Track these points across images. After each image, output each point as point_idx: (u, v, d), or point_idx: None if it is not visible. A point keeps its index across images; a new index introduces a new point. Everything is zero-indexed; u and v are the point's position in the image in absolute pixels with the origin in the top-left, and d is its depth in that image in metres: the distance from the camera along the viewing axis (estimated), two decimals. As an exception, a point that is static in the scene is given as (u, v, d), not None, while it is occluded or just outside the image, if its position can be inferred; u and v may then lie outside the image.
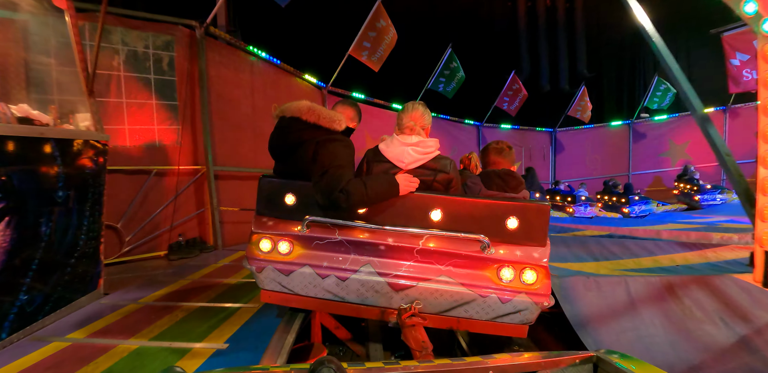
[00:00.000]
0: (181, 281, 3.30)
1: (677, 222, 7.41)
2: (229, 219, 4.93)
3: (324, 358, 1.03)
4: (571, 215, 9.43)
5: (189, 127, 4.60)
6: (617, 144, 13.97)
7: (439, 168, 2.01)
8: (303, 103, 1.98)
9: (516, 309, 1.88)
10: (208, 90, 4.67)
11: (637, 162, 13.74)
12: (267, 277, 1.97)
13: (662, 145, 13.48)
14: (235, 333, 2.21)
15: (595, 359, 1.23)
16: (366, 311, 2.00)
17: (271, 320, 2.35)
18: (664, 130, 13.52)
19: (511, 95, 11.88)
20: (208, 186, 4.61)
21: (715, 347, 2.36)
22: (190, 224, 4.61)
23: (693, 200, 10.25)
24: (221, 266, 3.87)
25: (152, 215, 4.25)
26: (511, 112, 12.18)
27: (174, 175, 4.44)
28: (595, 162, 14.29)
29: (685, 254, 4.50)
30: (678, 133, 13.44)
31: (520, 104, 12.09)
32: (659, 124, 13.60)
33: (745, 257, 4.28)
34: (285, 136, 1.98)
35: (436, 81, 9.48)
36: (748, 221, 7.26)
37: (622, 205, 9.99)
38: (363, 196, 1.79)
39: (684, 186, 10.63)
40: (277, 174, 2.06)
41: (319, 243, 1.94)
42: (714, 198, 10.09)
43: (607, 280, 2.97)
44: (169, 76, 4.44)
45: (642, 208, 9.92)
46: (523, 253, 1.88)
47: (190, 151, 4.59)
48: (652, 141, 13.58)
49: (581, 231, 6.37)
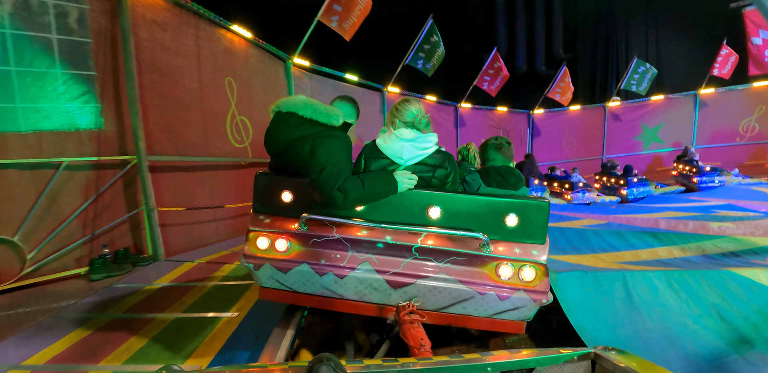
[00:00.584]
0: (95, 320, 2.42)
1: (674, 209, 7.27)
2: (175, 221, 3.99)
3: (322, 355, 1.01)
4: (569, 202, 9.18)
5: (112, 105, 3.54)
6: (593, 127, 13.96)
7: (437, 164, 1.99)
8: (299, 98, 1.96)
9: (514, 306, 1.88)
10: (138, 57, 3.61)
11: (611, 145, 13.83)
12: (265, 275, 1.95)
13: (636, 129, 13.63)
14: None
15: (592, 356, 1.23)
16: (364, 308, 1.99)
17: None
18: (638, 114, 13.61)
19: (492, 74, 11.31)
20: (140, 181, 3.62)
21: (713, 342, 2.36)
22: (119, 231, 3.63)
23: (691, 181, 10.27)
24: (158, 288, 2.99)
25: (64, 222, 3.24)
26: (491, 93, 11.64)
27: (93, 170, 3.42)
28: (571, 145, 14.40)
29: (683, 246, 4.50)
30: (651, 117, 13.54)
31: (501, 85, 11.59)
32: (634, 108, 13.66)
33: (742, 248, 4.32)
34: (281, 131, 1.96)
35: (415, 56, 8.57)
36: (745, 206, 7.23)
37: (620, 187, 9.90)
38: (361, 193, 1.79)
39: (683, 167, 10.62)
40: (273, 170, 2.04)
41: (316, 241, 1.92)
42: (712, 180, 10.11)
43: (606, 275, 2.97)
44: (80, 37, 3.35)
45: (640, 190, 9.93)
46: (522, 250, 1.87)
47: (114, 137, 3.55)
48: (626, 124, 13.67)
49: (579, 220, 6.23)
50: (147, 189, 3.61)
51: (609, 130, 13.75)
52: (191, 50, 4.23)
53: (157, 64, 3.84)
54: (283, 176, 1.97)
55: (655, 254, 4.46)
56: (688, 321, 2.55)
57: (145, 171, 3.59)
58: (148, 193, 3.61)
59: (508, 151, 2.37)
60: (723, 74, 12.23)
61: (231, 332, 2.32)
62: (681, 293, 2.80)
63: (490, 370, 1.19)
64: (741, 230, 5.41)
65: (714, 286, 2.88)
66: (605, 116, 13.68)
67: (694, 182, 10.26)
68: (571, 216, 6.57)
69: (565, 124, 14.10)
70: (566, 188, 9.48)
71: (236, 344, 2.21)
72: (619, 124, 13.69)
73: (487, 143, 2.44)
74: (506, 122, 13.40)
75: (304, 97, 1.99)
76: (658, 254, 4.44)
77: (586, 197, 9.38)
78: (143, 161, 3.57)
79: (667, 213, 6.57)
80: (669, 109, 13.44)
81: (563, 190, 9.53)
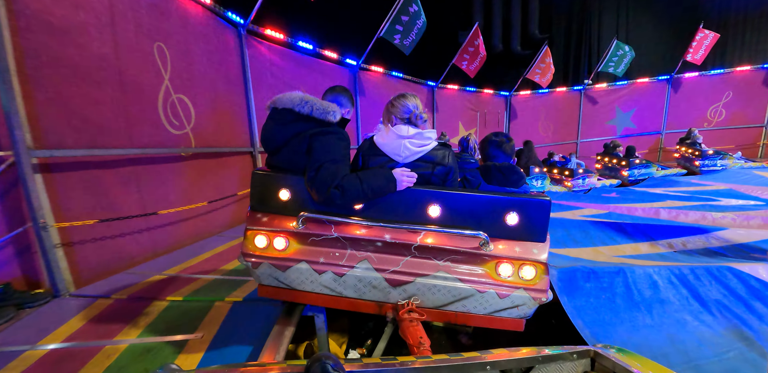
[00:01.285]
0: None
1: (675, 197, 7.17)
2: (88, 236, 2.98)
3: (321, 354, 1.02)
4: (570, 189, 8.90)
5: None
6: (569, 111, 13.79)
7: (437, 160, 1.95)
8: (295, 95, 1.93)
9: (514, 304, 1.88)
10: (9, 7, 2.47)
11: (586, 129, 13.76)
12: (263, 273, 1.96)
13: (610, 113, 13.60)
14: None
15: (592, 354, 1.25)
16: (364, 306, 1.99)
17: None
18: (612, 98, 13.53)
19: (472, 53, 10.56)
20: (22, 187, 2.55)
21: (712, 338, 2.35)
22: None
23: (693, 165, 10.28)
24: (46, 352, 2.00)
25: None
26: (470, 73, 10.93)
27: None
28: (547, 129, 14.30)
29: (683, 238, 4.48)
30: (625, 101, 13.51)
31: (479, 65, 10.87)
32: (609, 91, 13.55)
33: (741, 242, 4.28)
34: (277, 128, 1.93)
35: (392, 30, 7.54)
36: (747, 193, 7.06)
37: (621, 168, 9.72)
38: (359, 192, 1.77)
39: (686, 150, 10.54)
40: (270, 167, 1.99)
41: (315, 239, 1.91)
42: (714, 163, 10.11)
43: (606, 271, 2.95)
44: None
45: (641, 171, 9.82)
46: (523, 249, 1.86)
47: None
48: (601, 108, 13.61)
49: (580, 210, 6.14)
50: (34, 198, 2.54)
51: (584, 114, 13.64)
52: (100, 3, 3.08)
53: (46, 20, 2.70)
54: (281, 174, 1.93)
55: (655, 248, 4.37)
56: (688, 317, 2.56)
57: (28, 172, 2.51)
58: (35, 203, 2.54)
59: (509, 147, 2.32)
60: (696, 59, 12.31)
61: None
62: (681, 289, 2.81)
63: (489, 368, 1.18)
64: (742, 222, 5.25)
65: (714, 282, 2.88)
66: (581, 100, 13.53)
67: (696, 165, 10.27)
68: (571, 205, 6.40)
69: (542, 108, 13.88)
70: (566, 175, 9.16)
71: None
72: (594, 108, 13.61)
73: (488, 140, 2.37)
74: (484, 105, 12.94)
75: (301, 93, 1.94)
76: (659, 248, 4.36)
77: (586, 183, 9.11)
78: (26, 159, 2.49)
79: (668, 202, 6.48)
80: (643, 93, 13.44)
81: (563, 177, 9.21)
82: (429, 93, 11.16)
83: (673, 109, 13.28)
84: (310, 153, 1.82)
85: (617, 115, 13.65)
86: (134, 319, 2.32)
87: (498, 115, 13.39)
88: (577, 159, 9.73)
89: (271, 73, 5.74)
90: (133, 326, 2.23)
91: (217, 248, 3.89)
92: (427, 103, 11.13)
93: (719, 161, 9.98)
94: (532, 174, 7.93)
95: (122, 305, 2.52)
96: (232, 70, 4.90)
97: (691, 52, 11.89)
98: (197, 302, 2.54)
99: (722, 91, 12.86)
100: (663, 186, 8.78)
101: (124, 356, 1.96)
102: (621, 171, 9.93)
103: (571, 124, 13.81)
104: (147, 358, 1.93)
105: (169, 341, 2.09)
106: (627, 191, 8.60)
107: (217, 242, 4.10)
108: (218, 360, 1.90)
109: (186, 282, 2.91)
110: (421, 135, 1.92)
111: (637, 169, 9.91)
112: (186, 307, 2.48)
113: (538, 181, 8.11)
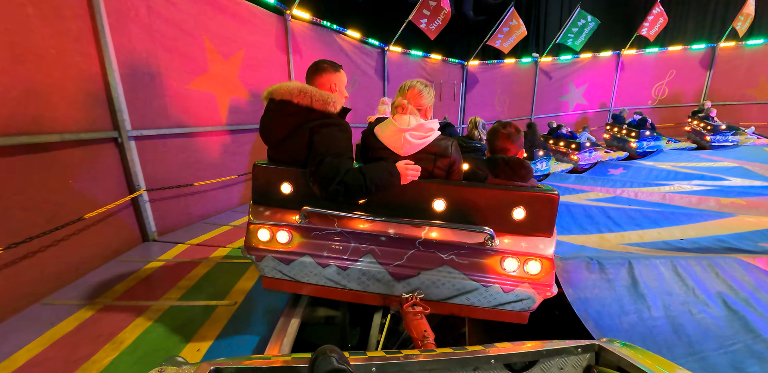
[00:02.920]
0: None
1: (682, 177, 7.15)
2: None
3: (326, 347, 1.02)
4: (576, 162, 8.78)
5: None
6: (524, 84, 13.20)
7: (439, 152, 1.92)
8: (293, 85, 1.87)
9: (518, 298, 1.89)
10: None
11: (540, 105, 13.35)
12: (267, 265, 1.98)
13: (564, 88, 13.27)
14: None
15: (597, 348, 1.26)
16: (368, 298, 2.00)
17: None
18: (567, 72, 13.10)
19: (434, 8, 9.23)
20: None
21: (717, 330, 2.36)
22: None
23: (704, 139, 10.18)
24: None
25: None
26: (430, 34, 9.71)
27: None
28: (503, 104, 13.58)
29: (691, 225, 4.47)
30: (578, 76, 13.18)
31: (442, 25, 9.66)
32: (563, 66, 13.04)
33: (751, 230, 4.22)
34: (276, 121, 1.89)
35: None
36: (758, 172, 6.99)
37: (631, 139, 9.58)
38: (362, 187, 1.75)
39: (698, 124, 10.37)
40: (272, 160, 1.98)
41: (318, 233, 1.91)
42: (726, 139, 9.97)
43: (611, 262, 2.93)
44: None
45: (651, 144, 9.78)
46: (529, 244, 1.85)
47: None
48: (555, 83, 13.22)
49: (586, 193, 6.13)
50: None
51: (539, 88, 13.15)
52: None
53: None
54: (283, 167, 1.92)
55: (661, 235, 4.36)
56: (694, 309, 2.56)
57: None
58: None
59: (518, 139, 2.25)
60: (650, 35, 11.83)
61: None
62: (687, 281, 2.80)
63: (493, 362, 1.19)
64: (750, 208, 5.24)
65: (721, 273, 2.88)
66: (536, 73, 12.92)
67: (707, 140, 10.16)
68: (577, 189, 6.39)
69: (498, 79, 12.99)
70: (572, 148, 8.98)
71: None
72: (548, 83, 13.14)
73: (496, 132, 2.27)
74: (440, 74, 11.82)
75: (299, 83, 1.89)
76: (665, 235, 4.34)
77: (593, 157, 8.95)
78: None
79: (676, 186, 6.42)
80: (595, 68, 13.12)
81: (569, 150, 9.02)
82: (379, 56, 9.40)
83: (622, 85, 13.13)
84: (311, 146, 1.79)
85: (570, 90, 13.24)
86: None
87: (454, 86, 12.23)
88: (589, 133, 9.60)
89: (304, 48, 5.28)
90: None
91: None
92: (377, 68, 9.35)
93: (731, 137, 9.81)
94: (535, 157, 7.82)
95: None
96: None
97: (646, 27, 11.58)
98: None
99: (666, 69, 12.87)
100: (671, 160, 8.70)
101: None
102: (629, 143, 9.80)
103: (526, 99, 13.20)
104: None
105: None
106: (634, 166, 8.52)
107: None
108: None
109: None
110: (422, 127, 1.89)
111: (647, 141, 9.80)
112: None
113: (542, 164, 8.02)
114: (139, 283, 2.94)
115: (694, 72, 12.69)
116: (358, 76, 8.36)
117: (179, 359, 1.04)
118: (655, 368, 1.07)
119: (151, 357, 2.00)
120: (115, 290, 2.80)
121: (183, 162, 4.43)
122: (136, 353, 2.05)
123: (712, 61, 12.49)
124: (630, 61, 13.12)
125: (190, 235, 4.10)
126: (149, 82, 3.90)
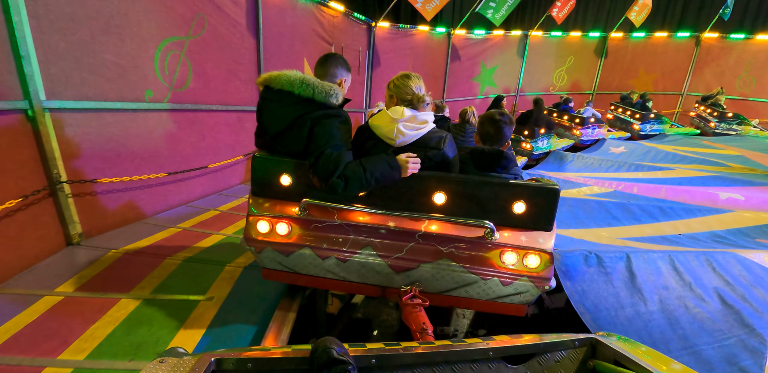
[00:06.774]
0: None
1: (686, 159, 7.16)
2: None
3: (326, 338, 1.02)
4: (578, 137, 8.79)
5: None
6: (437, 61, 10.85)
7: (432, 145, 1.91)
8: (294, 75, 1.82)
9: (517, 291, 1.89)
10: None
11: (452, 85, 11.42)
12: (267, 257, 1.98)
13: (475, 67, 11.85)
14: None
15: (593, 341, 1.26)
16: (367, 290, 2.01)
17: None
18: (478, 49, 11.63)
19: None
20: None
21: (712, 324, 2.38)
22: None
23: (708, 125, 10.12)
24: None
25: None
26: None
27: None
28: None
29: (689, 220, 4.47)
30: (489, 55, 11.88)
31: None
32: (475, 42, 11.48)
33: (750, 225, 4.17)
34: (277, 112, 1.86)
35: None
36: (759, 162, 6.95)
37: (634, 121, 9.57)
38: (362, 180, 1.74)
39: (704, 109, 10.31)
40: (270, 151, 1.95)
41: (318, 225, 1.91)
42: (731, 127, 9.90)
43: (609, 256, 2.96)
44: None
45: (654, 127, 9.74)
46: (528, 238, 1.85)
47: None
48: (467, 62, 11.53)
49: (586, 187, 6.23)
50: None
51: (451, 67, 11.20)
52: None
53: None
54: (283, 158, 1.90)
55: (659, 230, 4.33)
56: (689, 304, 2.58)
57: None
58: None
59: (510, 129, 2.19)
60: (558, 17, 11.19)
61: None
62: (684, 276, 2.80)
63: (491, 354, 1.20)
64: (749, 203, 5.20)
65: (718, 269, 2.88)
66: (449, 48, 10.93)
67: (711, 127, 10.06)
68: (577, 182, 6.44)
69: (409, 51, 9.94)
70: (576, 123, 8.96)
71: None
72: (460, 61, 11.40)
73: (493, 119, 2.18)
74: (341, 35, 7.40)
75: (299, 73, 1.84)
76: (663, 230, 4.32)
77: (595, 134, 8.96)
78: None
79: (677, 171, 6.42)
80: (505, 49, 12.11)
81: (573, 124, 9.02)
82: (250, 4, 4.96)
83: (528, 69, 12.58)
84: (311, 137, 1.78)
85: (482, 71, 11.91)
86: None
87: (359, 53, 8.35)
88: (592, 108, 9.29)
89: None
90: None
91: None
92: (245, 20, 4.87)
93: (735, 126, 9.79)
94: (536, 135, 7.68)
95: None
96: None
97: (557, 7, 11.03)
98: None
99: (566, 55, 12.59)
100: (674, 144, 8.64)
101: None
102: (632, 125, 9.74)
103: (439, 78, 10.99)
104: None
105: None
106: (636, 146, 8.45)
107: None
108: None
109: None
110: (416, 118, 1.87)
111: (650, 124, 9.74)
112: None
113: (543, 142, 7.91)
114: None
115: (591, 60, 12.70)
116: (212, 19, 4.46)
117: (180, 349, 1.03)
118: (650, 361, 1.09)
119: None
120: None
121: (119, 146, 3.36)
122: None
123: (604, 51, 12.71)
124: (535, 44, 12.27)
125: (125, 238, 3.15)
126: (76, 39, 2.87)
